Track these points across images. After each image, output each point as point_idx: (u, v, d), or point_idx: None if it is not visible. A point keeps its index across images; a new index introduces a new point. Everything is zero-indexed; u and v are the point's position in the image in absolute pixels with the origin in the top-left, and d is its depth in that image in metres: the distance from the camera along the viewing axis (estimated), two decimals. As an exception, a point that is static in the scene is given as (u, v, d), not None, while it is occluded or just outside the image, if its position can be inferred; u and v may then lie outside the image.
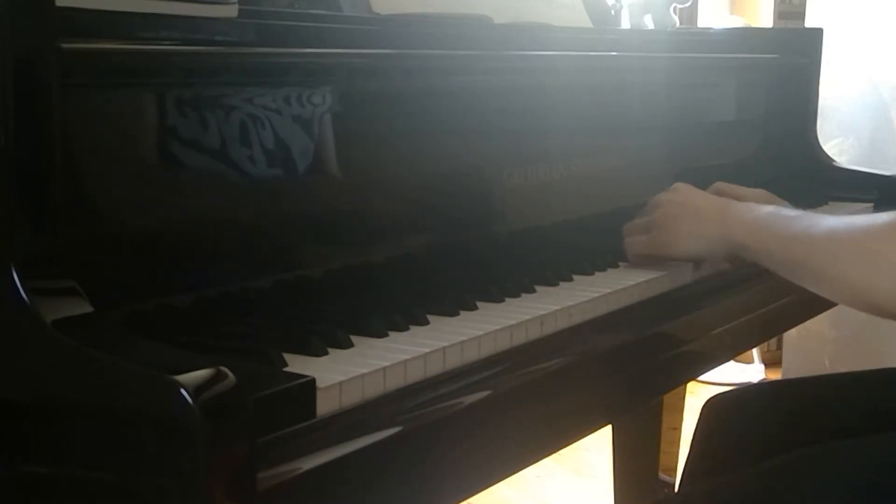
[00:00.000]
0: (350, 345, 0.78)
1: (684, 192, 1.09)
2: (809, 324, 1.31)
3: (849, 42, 2.47)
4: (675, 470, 1.70)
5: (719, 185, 1.20)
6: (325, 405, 0.69)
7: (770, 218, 1.00)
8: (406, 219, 1.03)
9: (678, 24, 1.75)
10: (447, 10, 1.16)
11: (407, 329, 0.83)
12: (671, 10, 1.68)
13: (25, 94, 0.66)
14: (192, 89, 0.82)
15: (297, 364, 0.73)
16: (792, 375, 2.62)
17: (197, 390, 0.58)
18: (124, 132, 0.78)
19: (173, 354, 0.66)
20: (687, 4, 1.72)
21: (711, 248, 1.04)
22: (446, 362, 0.79)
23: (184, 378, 0.58)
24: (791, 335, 2.61)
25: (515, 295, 0.95)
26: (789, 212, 1.01)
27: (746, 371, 2.99)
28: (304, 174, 0.92)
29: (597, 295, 0.98)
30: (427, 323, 0.85)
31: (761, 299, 1.19)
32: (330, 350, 0.76)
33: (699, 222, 1.05)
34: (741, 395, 1.25)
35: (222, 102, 0.84)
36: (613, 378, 0.95)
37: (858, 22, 2.50)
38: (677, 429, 1.72)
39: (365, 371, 0.72)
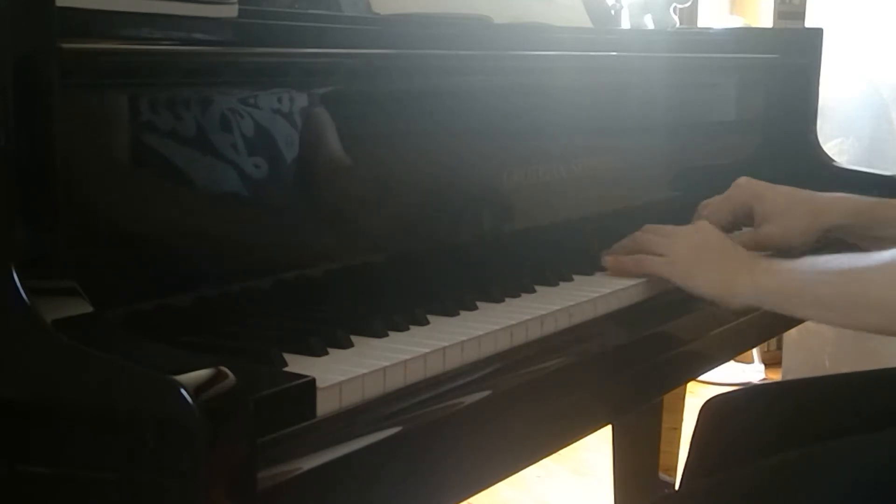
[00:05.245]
0: (350, 345, 0.78)
1: (708, 232, 1.07)
2: (809, 324, 1.31)
3: (849, 42, 2.46)
4: (675, 470, 1.69)
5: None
6: (325, 405, 0.69)
7: (808, 262, 0.96)
8: (406, 218, 1.03)
9: (678, 24, 1.75)
10: (447, 10, 1.16)
11: (407, 329, 0.83)
12: (671, 10, 1.68)
13: (25, 94, 0.66)
14: (192, 89, 0.82)
15: (297, 364, 0.73)
16: (792, 375, 2.62)
17: (197, 390, 0.58)
18: (124, 132, 0.78)
19: (173, 354, 0.66)
20: (687, 4, 1.72)
21: (730, 295, 1.01)
22: (446, 362, 0.79)
23: (184, 378, 0.58)
24: (791, 335, 2.61)
25: (515, 295, 0.95)
26: (820, 257, 0.97)
27: (746, 371, 2.99)
28: (304, 174, 0.92)
29: (597, 295, 0.98)
30: (427, 323, 0.85)
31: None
32: (330, 350, 0.76)
33: (724, 267, 1.02)
34: (740, 397, 1.25)
35: (222, 102, 0.84)
36: (613, 378, 0.95)
37: (858, 22, 2.50)
38: (677, 429, 1.71)
39: (365, 371, 0.73)
